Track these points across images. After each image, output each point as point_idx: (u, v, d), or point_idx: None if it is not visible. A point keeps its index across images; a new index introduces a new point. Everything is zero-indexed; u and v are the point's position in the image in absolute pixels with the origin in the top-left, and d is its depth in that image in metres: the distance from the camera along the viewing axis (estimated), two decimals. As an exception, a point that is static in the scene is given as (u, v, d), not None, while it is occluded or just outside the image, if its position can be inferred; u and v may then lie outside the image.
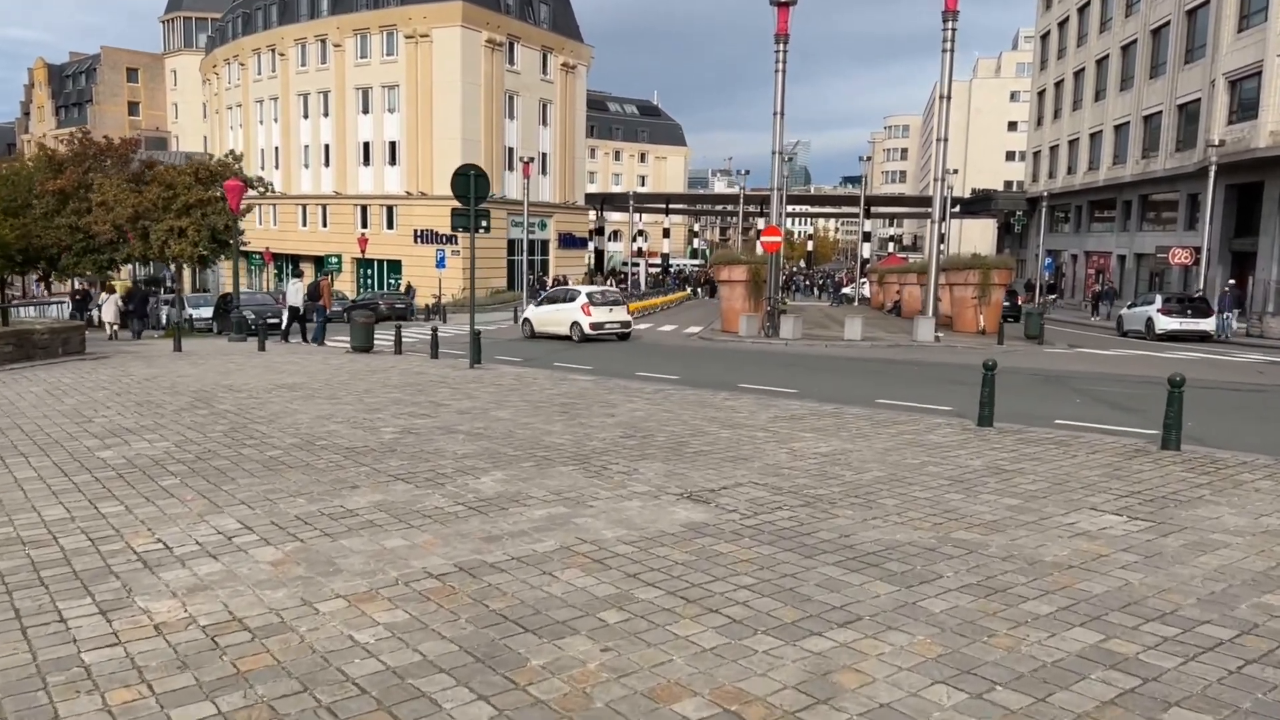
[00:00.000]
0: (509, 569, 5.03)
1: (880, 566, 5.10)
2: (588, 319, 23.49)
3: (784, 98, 25.45)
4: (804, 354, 21.76)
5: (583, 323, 23.66)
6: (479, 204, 15.91)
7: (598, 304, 24.18)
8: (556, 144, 58.34)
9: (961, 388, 13.29)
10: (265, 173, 61.08)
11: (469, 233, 15.84)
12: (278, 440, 8.70)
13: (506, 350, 21.88)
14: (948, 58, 24.46)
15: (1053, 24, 56.95)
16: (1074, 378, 16.65)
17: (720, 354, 21.96)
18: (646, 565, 5.10)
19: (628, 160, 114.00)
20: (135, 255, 30.34)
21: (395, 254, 52.86)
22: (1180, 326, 28.32)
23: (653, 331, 30.83)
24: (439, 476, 7.21)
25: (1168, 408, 8.30)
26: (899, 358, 20.88)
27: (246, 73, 61.70)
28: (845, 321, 24.97)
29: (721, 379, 15.43)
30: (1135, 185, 44.40)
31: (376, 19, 52.44)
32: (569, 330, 23.96)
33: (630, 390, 12.89)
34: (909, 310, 39.40)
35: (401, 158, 52.88)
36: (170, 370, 15.28)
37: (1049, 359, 20.97)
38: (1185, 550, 5.42)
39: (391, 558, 5.22)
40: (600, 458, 7.99)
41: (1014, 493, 6.80)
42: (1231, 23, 34.51)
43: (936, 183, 23.91)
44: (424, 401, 11.47)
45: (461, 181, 15.69)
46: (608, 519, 6.02)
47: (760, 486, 6.96)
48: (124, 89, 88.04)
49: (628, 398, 12.02)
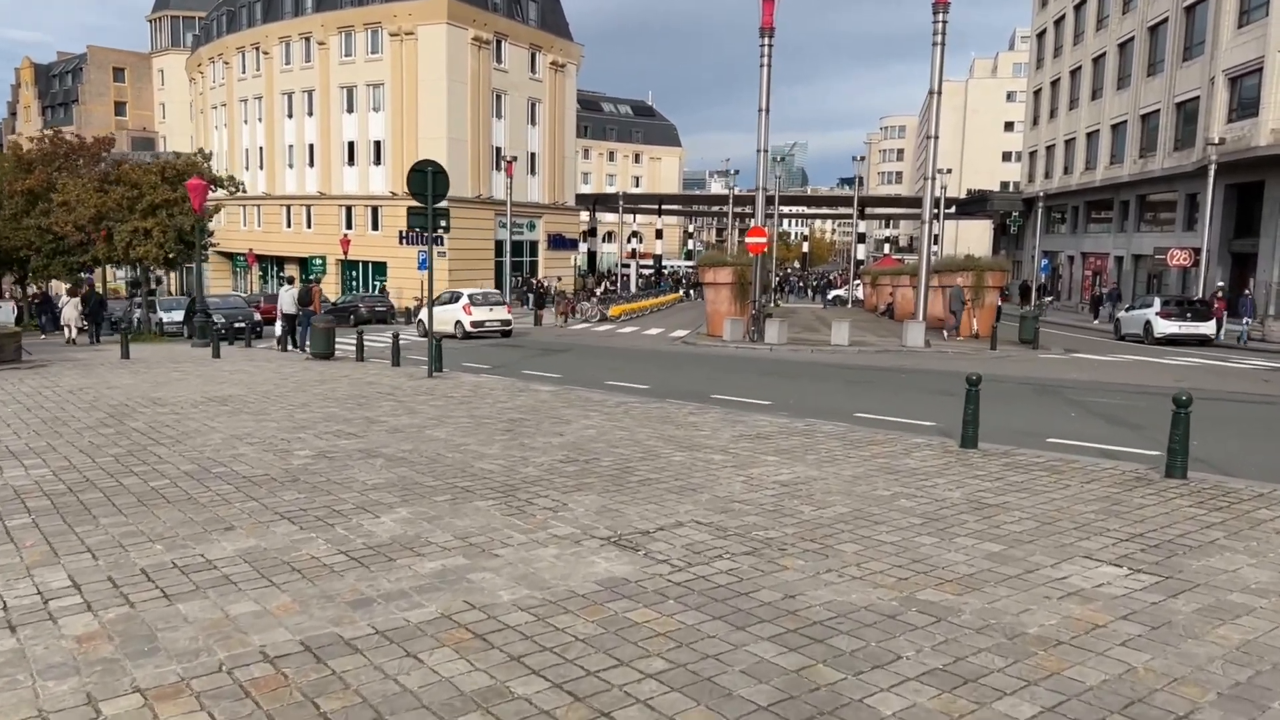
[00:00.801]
0: (367, 648, 4.06)
1: (825, 643, 4.14)
2: (469, 318, 25.75)
3: (769, 94, 24.51)
4: (787, 360, 20.80)
5: (464, 321, 26.33)
6: (438, 202, 14.94)
7: (479, 304, 26.62)
8: (545, 143, 57.38)
9: (949, 400, 12.34)
10: (249, 173, 60.20)
11: (427, 232, 14.87)
12: (171, 467, 7.73)
13: (477, 356, 20.92)
14: (938, 52, 23.51)
15: (1049, 22, 56.06)
16: (1069, 387, 15.70)
17: (700, 360, 21.01)
18: (539, 643, 4.14)
19: (622, 161, 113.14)
20: (100, 257, 29.30)
21: (380, 255, 51.86)
22: (1179, 330, 27.41)
23: (638, 335, 29.90)
24: (333, 515, 6.25)
25: (1173, 430, 7.35)
26: (886, 364, 19.92)
27: (231, 72, 60.69)
28: (833, 325, 24.02)
29: (694, 388, 14.48)
30: (1133, 185, 43.49)
31: (361, 16, 51.45)
32: (454, 329, 26.10)
33: (590, 403, 11.93)
34: (902, 313, 38.49)
35: (386, 157, 51.89)
36: (103, 381, 14.29)
37: (1043, 365, 20.03)
38: (1200, 618, 4.46)
39: (229, 630, 4.26)
40: (529, 489, 7.03)
41: (996, 535, 5.84)
42: (1231, 18, 33.60)
43: (928, 181, 22.96)
44: (358, 418, 10.50)
45: (418, 179, 14.73)
46: (511, 574, 5.06)
47: (703, 527, 6.00)
48: (110, 89, 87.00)
49: (584, 412, 11.06)
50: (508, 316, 27.06)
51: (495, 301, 27.41)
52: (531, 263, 58.06)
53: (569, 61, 58.43)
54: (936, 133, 22.94)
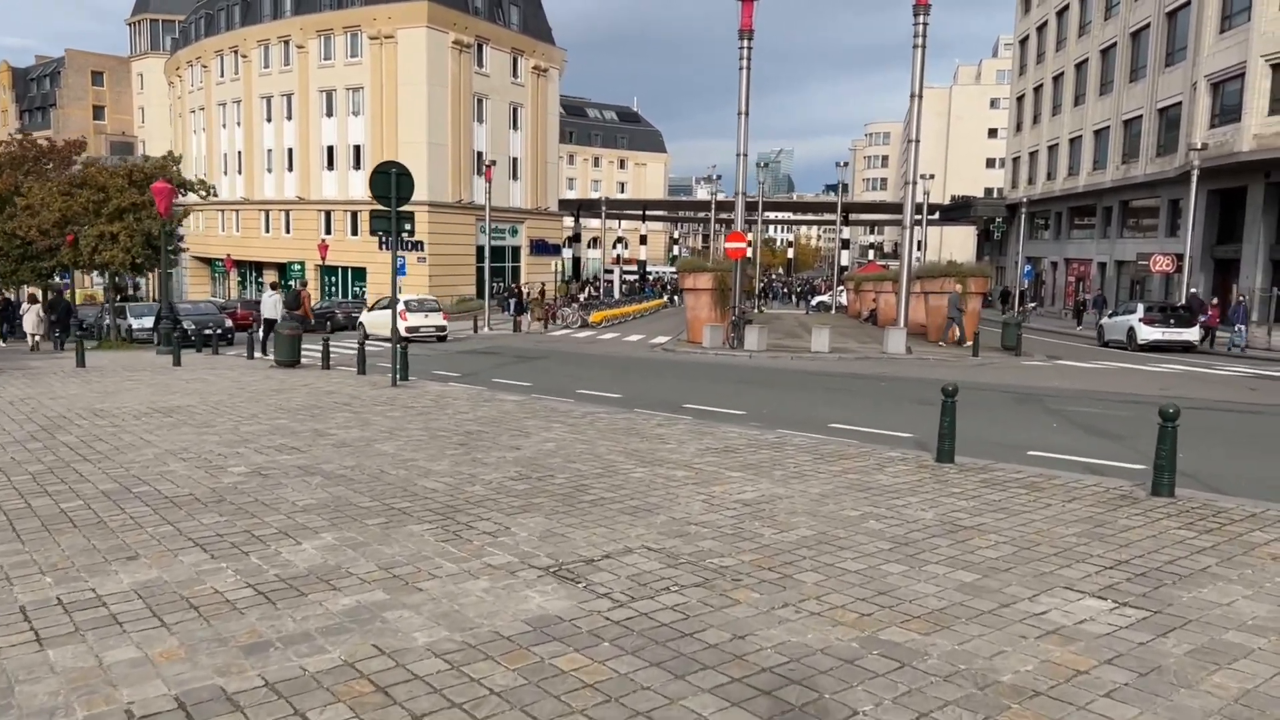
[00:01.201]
0: (250, 704, 3.56)
1: (773, 696, 3.66)
2: (404, 323, 26.14)
3: (749, 97, 24.11)
4: (765, 368, 20.36)
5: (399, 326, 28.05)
6: (403, 205, 14.43)
7: (413, 310, 28.43)
8: (528, 148, 56.89)
9: (928, 409, 11.90)
10: (228, 178, 59.49)
11: (390, 236, 14.35)
12: (90, 486, 7.18)
13: (449, 364, 20.40)
14: (919, 54, 23.17)
15: (1031, 28, 56.06)
16: (1051, 395, 15.31)
17: (677, 367, 20.55)
18: (447, 697, 3.64)
19: (607, 167, 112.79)
20: (65, 262, 28.58)
21: (360, 261, 51.15)
22: (1163, 336, 27.15)
23: (617, 342, 29.42)
24: (251, 541, 5.73)
25: (1159, 445, 6.92)
26: (866, 372, 19.51)
27: (209, 75, 59.97)
28: (813, 331, 23.61)
29: (668, 397, 14.01)
30: (1115, 191, 43.39)
31: (340, 19, 50.89)
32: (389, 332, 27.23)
33: (556, 414, 11.43)
34: (884, 319, 38.17)
35: (366, 162, 51.22)
36: (48, 391, 13.69)
37: (1026, 373, 19.67)
38: (1192, 661, 4.01)
39: (98, 683, 3.74)
40: (471, 510, 6.53)
41: (969, 562, 5.39)
42: (1213, 24, 33.50)
43: (909, 185, 22.60)
44: (307, 430, 9.97)
45: (381, 180, 14.20)
46: (432, 612, 4.56)
47: (653, 554, 5.52)
48: (89, 93, 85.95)
49: (547, 424, 10.56)
50: (442, 322, 29.65)
51: (431, 308, 29.88)
52: (514, 268, 57.53)
53: (551, 66, 58.00)
54: (918, 137, 22.59)
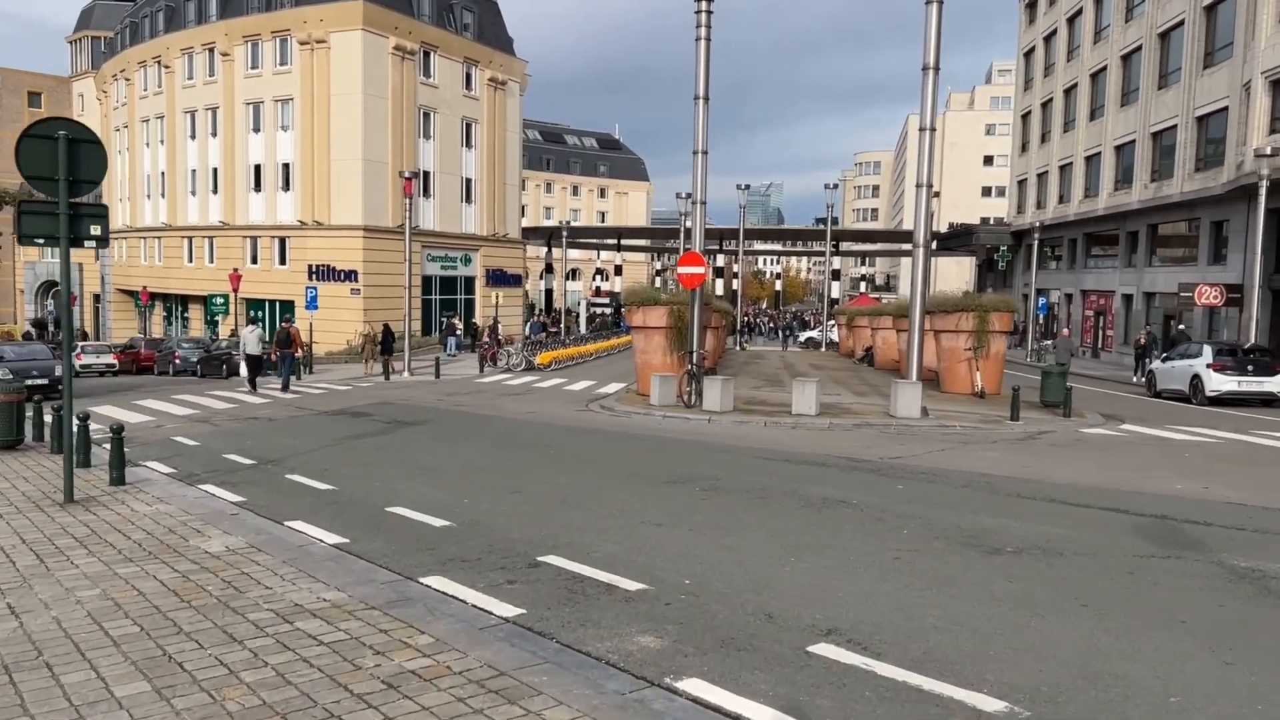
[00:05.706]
0: None
1: None
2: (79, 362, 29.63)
3: (708, 79, 18.43)
4: (724, 446, 14.26)
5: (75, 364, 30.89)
6: (85, 191, 8.48)
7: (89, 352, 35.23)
8: (484, 169, 51.19)
9: (1000, 563, 5.92)
10: (150, 202, 53.66)
11: (53, 242, 8.37)
12: None
13: (274, 436, 14.30)
14: (933, 19, 17.40)
15: (1038, 39, 50.96)
16: (1198, 520, 9.32)
17: (601, 444, 14.50)
18: None
19: (586, 195, 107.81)
20: None
21: (288, 293, 45.06)
22: (1239, 387, 21.41)
23: (553, 393, 23.41)
24: None
25: None
26: (869, 455, 13.41)
27: (133, 89, 54.31)
28: (796, 386, 17.62)
29: (536, 525, 8.00)
30: (1143, 213, 37.85)
31: (268, 23, 45.36)
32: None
33: (229, 612, 5.41)
34: (883, 360, 32.35)
35: (295, 182, 45.51)
36: None
37: (1106, 454, 13.64)
38: None
39: None
40: None
41: None
42: (1271, 10, 28.13)
43: (920, 189, 16.83)
44: None
45: (40, 150, 8.22)
46: None
47: None
48: (25, 114, 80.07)
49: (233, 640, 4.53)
50: (112, 360, 36.45)
51: (103, 350, 37.84)
52: (468, 300, 51.59)
53: (511, 79, 52.50)
54: (932, 124, 16.82)
